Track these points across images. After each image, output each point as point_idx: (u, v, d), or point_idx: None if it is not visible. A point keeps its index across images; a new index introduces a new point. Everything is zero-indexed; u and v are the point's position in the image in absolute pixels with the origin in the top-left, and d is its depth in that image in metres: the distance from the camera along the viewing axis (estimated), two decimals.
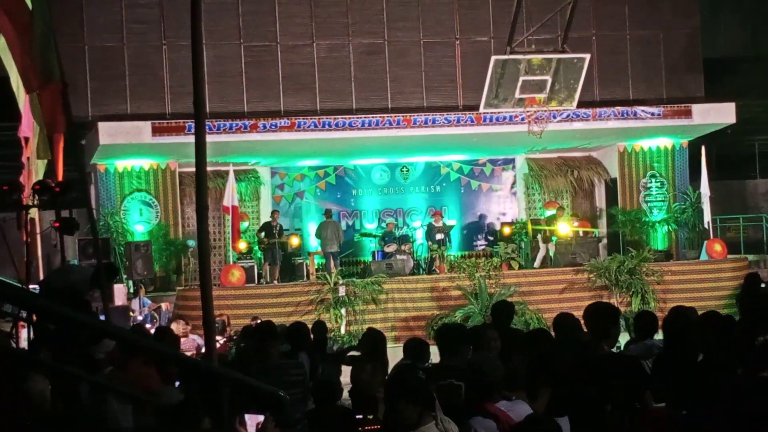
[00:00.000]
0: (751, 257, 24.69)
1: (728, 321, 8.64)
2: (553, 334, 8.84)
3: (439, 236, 24.59)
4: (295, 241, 24.39)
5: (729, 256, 24.00)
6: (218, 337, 15.26)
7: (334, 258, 24.48)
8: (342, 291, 21.17)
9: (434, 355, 9.21)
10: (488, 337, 8.72)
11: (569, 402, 6.30)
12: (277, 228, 23.94)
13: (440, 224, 25.03)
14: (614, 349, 8.32)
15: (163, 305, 21.09)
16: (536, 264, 24.48)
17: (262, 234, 23.98)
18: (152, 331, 14.50)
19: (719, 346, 7.57)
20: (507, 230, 25.62)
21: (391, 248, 24.40)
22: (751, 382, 6.42)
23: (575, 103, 22.23)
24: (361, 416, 7.49)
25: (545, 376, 6.63)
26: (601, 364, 6.99)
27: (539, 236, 24.74)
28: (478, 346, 8.54)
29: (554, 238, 24.27)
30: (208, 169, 7.86)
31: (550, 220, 24.68)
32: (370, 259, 25.08)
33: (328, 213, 25.26)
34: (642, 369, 7.27)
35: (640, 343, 8.80)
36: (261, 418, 6.65)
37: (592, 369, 6.80)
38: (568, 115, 23.18)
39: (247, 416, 6.95)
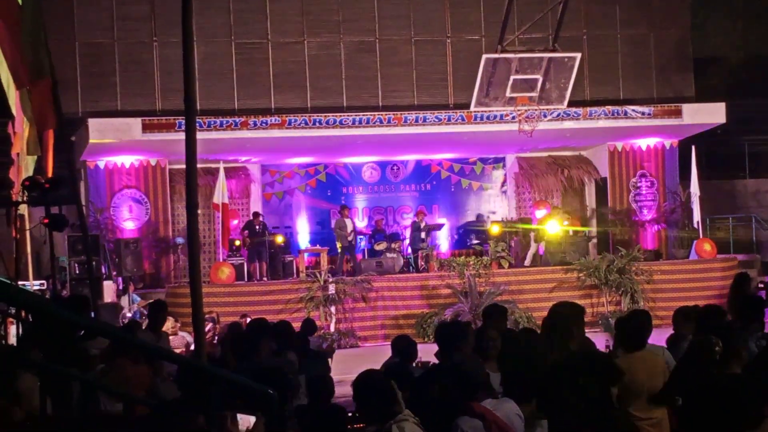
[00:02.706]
0: (740, 257, 24.73)
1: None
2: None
3: (422, 234, 24.57)
4: (279, 239, 24.32)
5: (718, 256, 24.05)
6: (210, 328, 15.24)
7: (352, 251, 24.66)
8: (332, 289, 21.17)
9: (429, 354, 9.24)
10: (490, 337, 8.69)
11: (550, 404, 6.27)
12: (260, 228, 23.87)
13: (423, 222, 24.96)
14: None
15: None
16: (526, 262, 24.48)
17: (246, 232, 23.98)
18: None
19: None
20: (497, 229, 25.58)
21: (381, 246, 24.38)
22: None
23: (566, 102, 22.26)
24: (353, 413, 7.46)
25: None
26: (574, 363, 6.98)
27: (532, 234, 24.74)
28: (479, 347, 8.48)
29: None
30: (198, 166, 7.84)
31: (543, 221, 24.71)
32: (360, 256, 25.06)
33: (345, 209, 25.10)
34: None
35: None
36: (252, 419, 6.60)
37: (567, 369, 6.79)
38: (558, 114, 23.17)
39: (239, 416, 6.91)
